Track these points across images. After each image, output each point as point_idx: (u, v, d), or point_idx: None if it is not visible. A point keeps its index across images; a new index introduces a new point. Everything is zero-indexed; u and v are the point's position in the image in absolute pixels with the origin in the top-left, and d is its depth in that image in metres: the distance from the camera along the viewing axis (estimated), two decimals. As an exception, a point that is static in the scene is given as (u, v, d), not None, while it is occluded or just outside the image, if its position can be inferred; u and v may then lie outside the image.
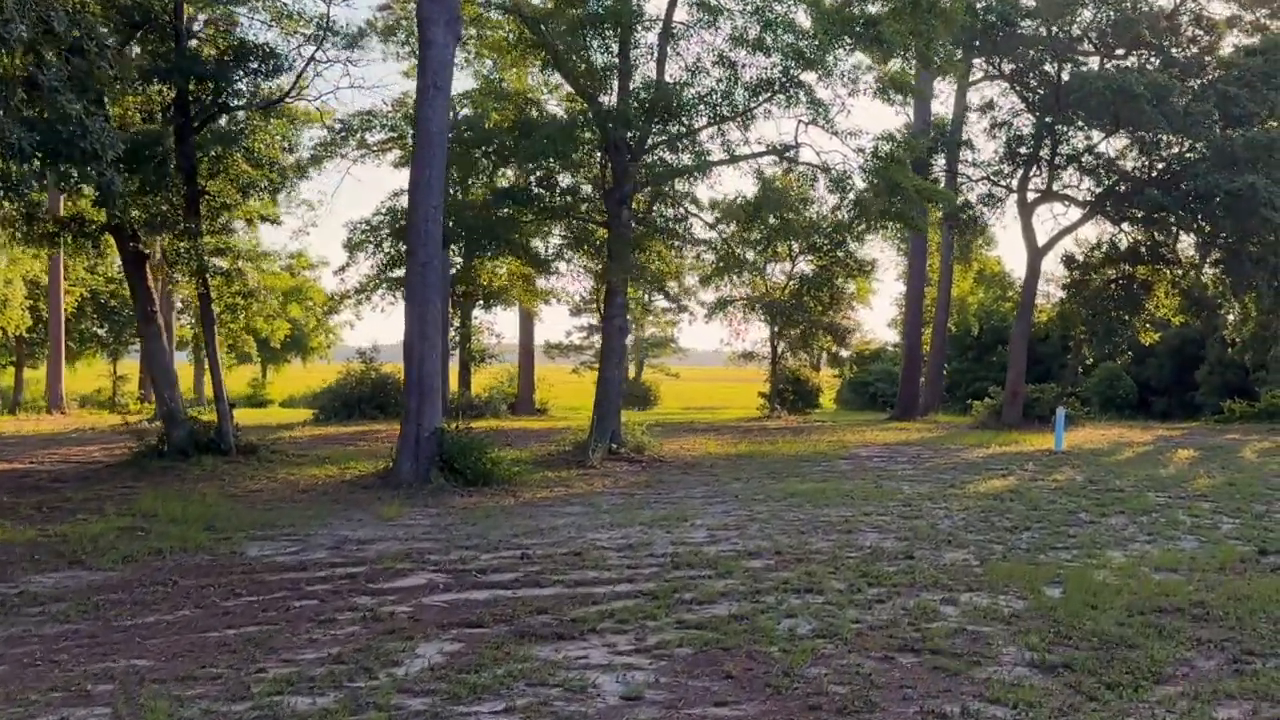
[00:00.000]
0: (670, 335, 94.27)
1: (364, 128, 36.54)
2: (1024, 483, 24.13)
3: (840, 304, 52.41)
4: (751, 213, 27.73)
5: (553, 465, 25.17)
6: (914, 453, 30.90)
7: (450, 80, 22.25)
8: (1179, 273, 41.93)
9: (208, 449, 25.17)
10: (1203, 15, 41.68)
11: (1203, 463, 28.40)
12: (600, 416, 26.82)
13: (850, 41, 25.74)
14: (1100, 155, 39.67)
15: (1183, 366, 58.13)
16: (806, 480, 23.91)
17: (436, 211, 21.84)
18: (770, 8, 25.50)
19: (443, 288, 42.87)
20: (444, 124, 22.04)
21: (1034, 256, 41.09)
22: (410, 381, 21.87)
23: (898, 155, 26.60)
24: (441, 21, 21.74)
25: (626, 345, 28.00)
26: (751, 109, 26.65)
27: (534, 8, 26.58)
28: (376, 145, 38.65)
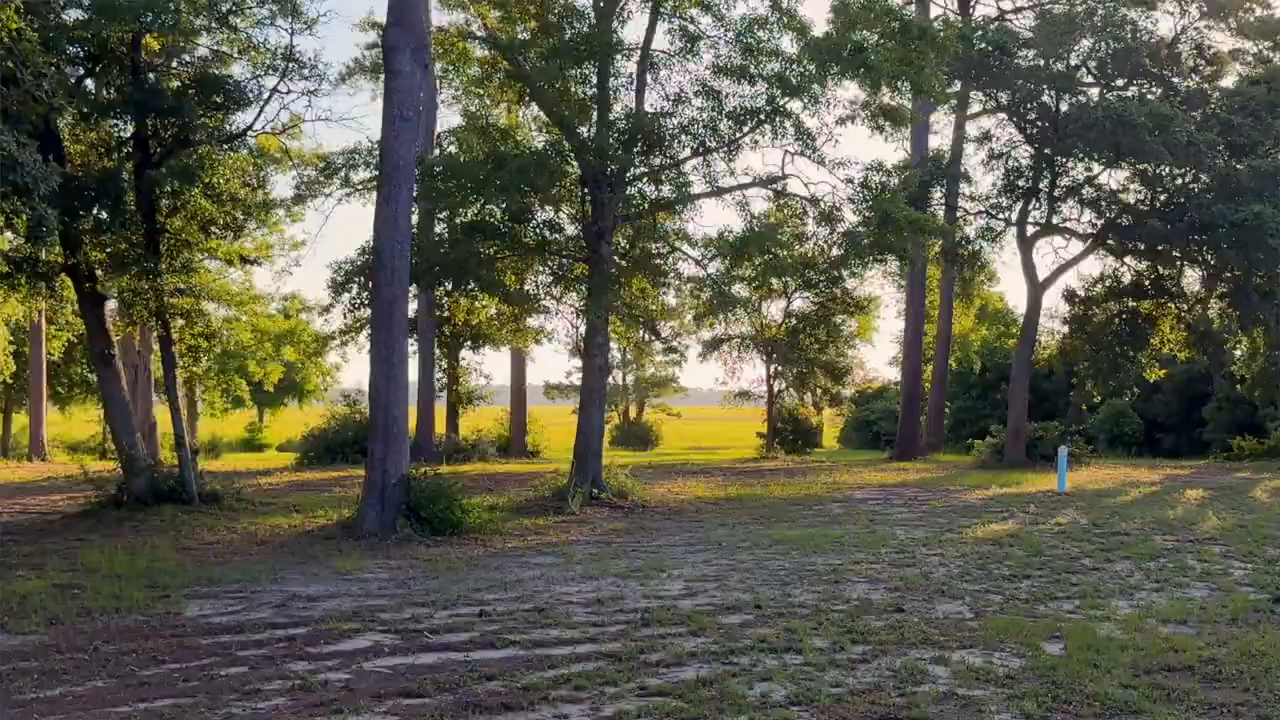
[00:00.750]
0: (671, 375, 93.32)
1: (348, 165, 35.65)
2: (1025, 526, 23.07)
3: (837, 342, 51.33)
4: (738, 248, 26.71)
5: (530, 512, 24.06)
6: (911, 494, 29.81)
7: (418, 110, 21.36)
8: (1184, 307, 40.85)
9: (169, 498, 24.08)
10: (1204, 44, 40.85)
11: (1212, 503, 27.30)
12: (581, 460, 25.73)
13: (837, 69, 24.82)
14: (1101, 187, 38.71)
15: (1190, 403, 57.02)
16: (795, 525, 22.82)
17: (403, 247, 20.87)
18: (752, 34, 24.60)
19: (428, 330, 42.20)
20: (412, 156, 21.11)
21: (1034, 291, 40.06)
22: (375, 425, 20.83)
23: (888, 186, 25.66)
24: (408, 50, 20.85)
25: (608, 385, 26.87)
26: (737, 139, 25.73)
27: (510, 37, 25.74)
28: (361, 184, 37.78)
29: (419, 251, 24.01)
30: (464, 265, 24.15)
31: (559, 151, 23.95)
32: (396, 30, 20.91)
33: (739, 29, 24.66)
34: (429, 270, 24.01)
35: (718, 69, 25.24)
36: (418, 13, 21.18)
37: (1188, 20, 39.69)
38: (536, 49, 24.58)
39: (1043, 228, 39.17)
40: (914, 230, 25.69)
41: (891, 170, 25.88)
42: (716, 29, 25.08)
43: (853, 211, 26.15)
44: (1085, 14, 37.62)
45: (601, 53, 24.24)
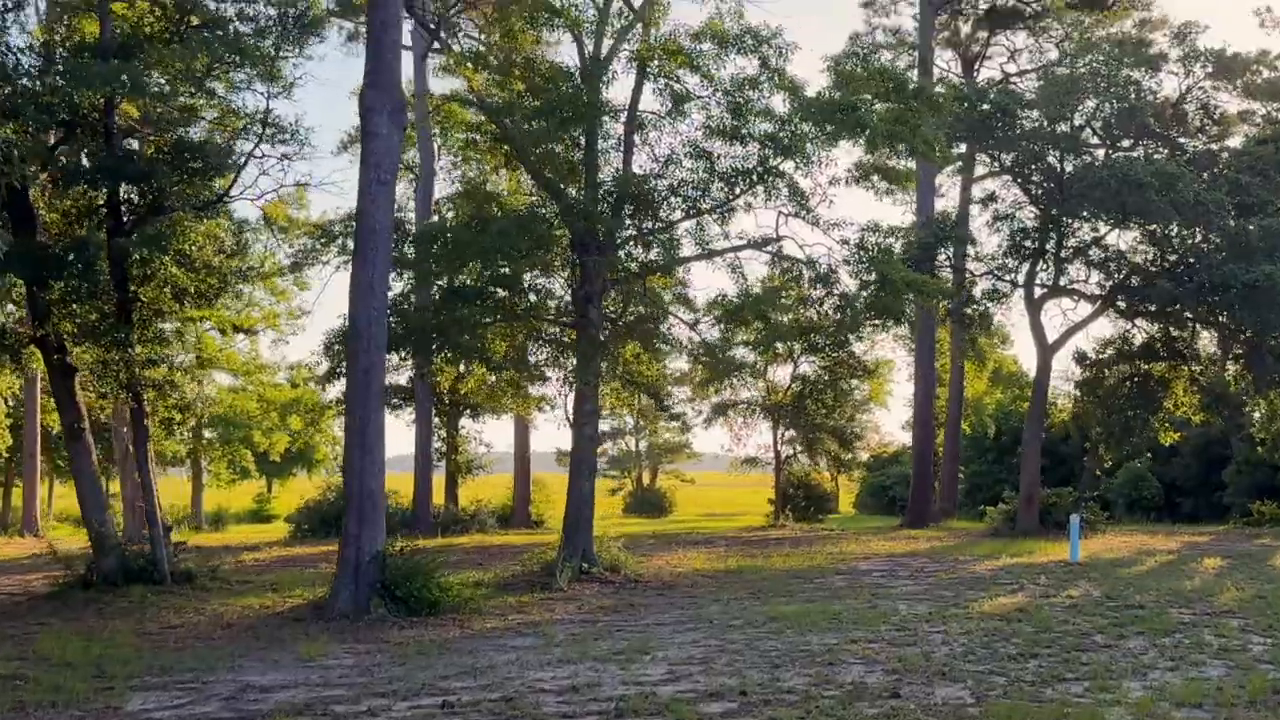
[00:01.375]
0: (684, 441, 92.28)
1: (345, 233, 35.05)
2: (1035, 600, 22.04)
3: (844, 406, 50.32)
4: (734, 313, 25.94)
5: (516, 588, 23.07)
6: (918, 565, 28.75)
7: (395, 173, 20.73)
8: (1197, 369, 39.82)
9: (139, 578, 23.16)
10: (1210, 104, 40.13)
11: (1230, 573, 26.21)
12: (570, 533, 24.75)
13: (831, 129, 24.16)
14: (1109, 248, 37.86)
15: (1209, 466, 55.70)
16: (794, 600, 21.80)
17: (380, 314, 20.13)
18: (742, 93, 23.96)
19: (425, 398, 41.51)
20: (388, 220, 20.45)
21: (1044, 354, 39.11)
22: (350, 499, 19.96)
23: (884, 246, 24.88)
24: (385, 111, 20.23)
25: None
26: (730, 202, 25.03)
27: (505, 100, 25.13)
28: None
29: (401, 318, 23.23)
30: (444, 331, 23.39)
31: (541, 214, 23.22)
32: (372, 92, 20.31)
33: (728, 89, 24.04)
34: (407, 337, 23.24)
35: (708, 129, 24.61)
36: (395, 74, 20.60)
37: (1192, 80, 38.98)
38: (522, 110, 23.99)
39: (1050, 289, 38.32)
40: (913, 292, 24.89)
41: (889, 231, 25.13)
42: (705, 89, 24.47)
43: (849, 274, 25.40)
44: (1088, 75, 37.01)
45: (588, 114, 23.63)
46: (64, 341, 22.99)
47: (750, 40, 23.60)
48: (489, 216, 23.43)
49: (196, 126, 23.90)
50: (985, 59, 54.11)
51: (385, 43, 20.32)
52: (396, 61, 20.72)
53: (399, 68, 20.81)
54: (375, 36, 20.35)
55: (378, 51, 20.34)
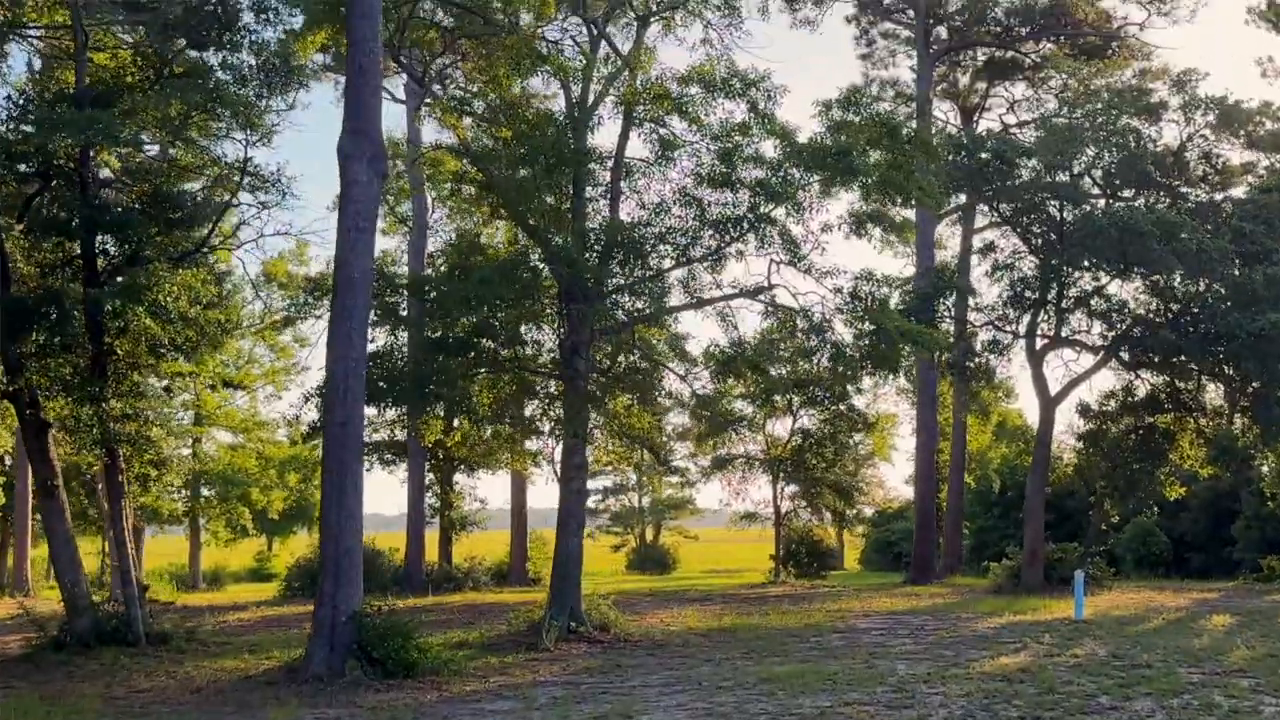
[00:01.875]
0: (687, 496, 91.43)
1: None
2: (1038, 659, 21.29)
3: (845, 460, 49.57)
4: (727, 364, 25.37)
5: (500, 648, 22.31)
6: (919, 623, 27.96)
7: (375, 221, 20.24)
8: (1204, 421, 39.05)
9: (113, 639, 22.44)
10: (1212, 153, 39.65)
11: (1240, 630, 25.42)
12: (558, 591, 24.00)
13: (822, 174, 23.70)
14: (1111, 298, 37.23)
15: (1218, 520, 54.71)
16: (788, 660, 21.06)
17: (358, 365, 19.57)
18: (731, 139, 23.50)
19: (418, 454, 40.83)
20: (368, 269, 19.93)
21: (1046, 407, 38.42)
22: (326, 559, 19.32)
23: (879, 296, 24.32)
24: (364, 158, 19.80)
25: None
26: (722, 249, 24.51)
27: (483, 147, 24.71)
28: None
29: (382, 370, 22.58)
30: (426, 383, 22.78)
31: (525, 262, 22.66)
32: (351, 138, 19.89)
33: (716, 134, 23.59)
34: (388, 390, 22.63)
35: (697, 176, 24.14)
36: (374, 120, 20.18)
37: (1193, 128, 38.49)
38: (508, 158, 23.55)
39: (1052, 340, 37.67)
40: (908, 342, 24.31)
41: (883, 280, 24.58)
42: (693, 134, 24.01)
43: (844, 323, 24.81)
44: (1087, 123, 36.60)
45: (573, 160, 23.19)
46: (37, 396, 22.42)
47: (738, 84, 23.19)
48: (473, 265, 22.93)
49: (175, 176, 23.43)
50: (985, 110, 53.84)
51: (364, 89, 19.91)
52: (376, 107, 20.30)
53: (379, 114, 20.39)
54: (353, 82, 19.95)
55: (356, 97, 19.93)
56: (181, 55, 23.00)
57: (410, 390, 22.56)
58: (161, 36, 22.21)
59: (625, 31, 25.92)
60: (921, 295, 35.93)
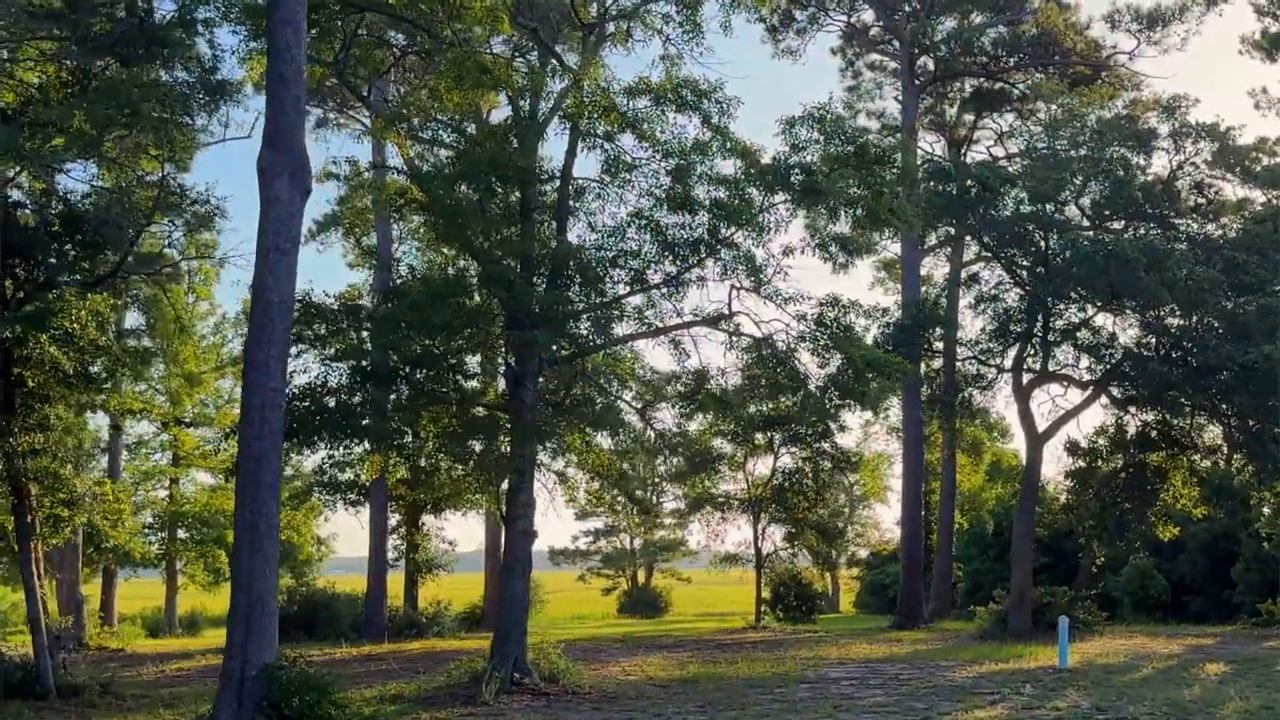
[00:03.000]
0: (679, 538, 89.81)
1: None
2: (1015, 712, 19.86)
3: (828, 500, 47.94)
4: (689, 399, 23.98)
5: (437, 703, 20.71)
6: (895, 671, 26.42)
7: (297, 241, 18.81)
8: (1196, 458, 37.44)
9: (19, 692, 20.86)
10: (1204, 182, 38.27)
11: (1234, 680, 23.91)
12: (501, 641, 22.36)
13: (786, 195, 22.36)
14: (1099, 330, 35.79)
15: (1218, 563, 52.91)
16: (744, 714, 19.56)
17: (276, 396, 18.14)
18: (685, 156, 22.12)
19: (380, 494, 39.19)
20: (289, 293, 18.49)
21: (1034, 444, 36.91)
22: (236, 606, 17.76)
23: (844, 323, 22.89)
24: (286, 174, 18.44)
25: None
26: (681, 274, 23.13)
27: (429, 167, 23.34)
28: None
29: (306, 402, 21.05)
30: (350, 416, 21.27)
31: (463, 287, 21.19)
32: (270, 152, 18.53)
33: (669, 150, 22.22)
34: (309, 423, 21.07)
35: (651, 196, 22.78)
36: (296, 134, 18.80)
37: (1184, 156, 37.10)
38: (448, 175, 22.16)
39: (1039, 375, 36.16)
40: (874, 371, 22.86)
41: (849, 305, 23.18)
42: (644, 150, 22.65)
43: (809, 352, 23.37)
44: (1073, 148, 35.30)
45: (517, 177, 21.84)
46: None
47: (689, 94, 21.83)
48: (403, 289, 21.52)
49: (94, 197, 22.05)
50: (973, 142, 52.52)
51: (285, 99, 18.58)
52: (298, 120, 18.93)
53: (301, 127, 19.01)
54: (274, 93, 18.60)
55: (277, 109, 18.59)
56: (104, 73, 21.66)
57: (333, 425, 21.00)
58: (84, 51, 20.90)
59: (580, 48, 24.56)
60: (902, 328, 34.52)
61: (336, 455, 28.34)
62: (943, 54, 49.11)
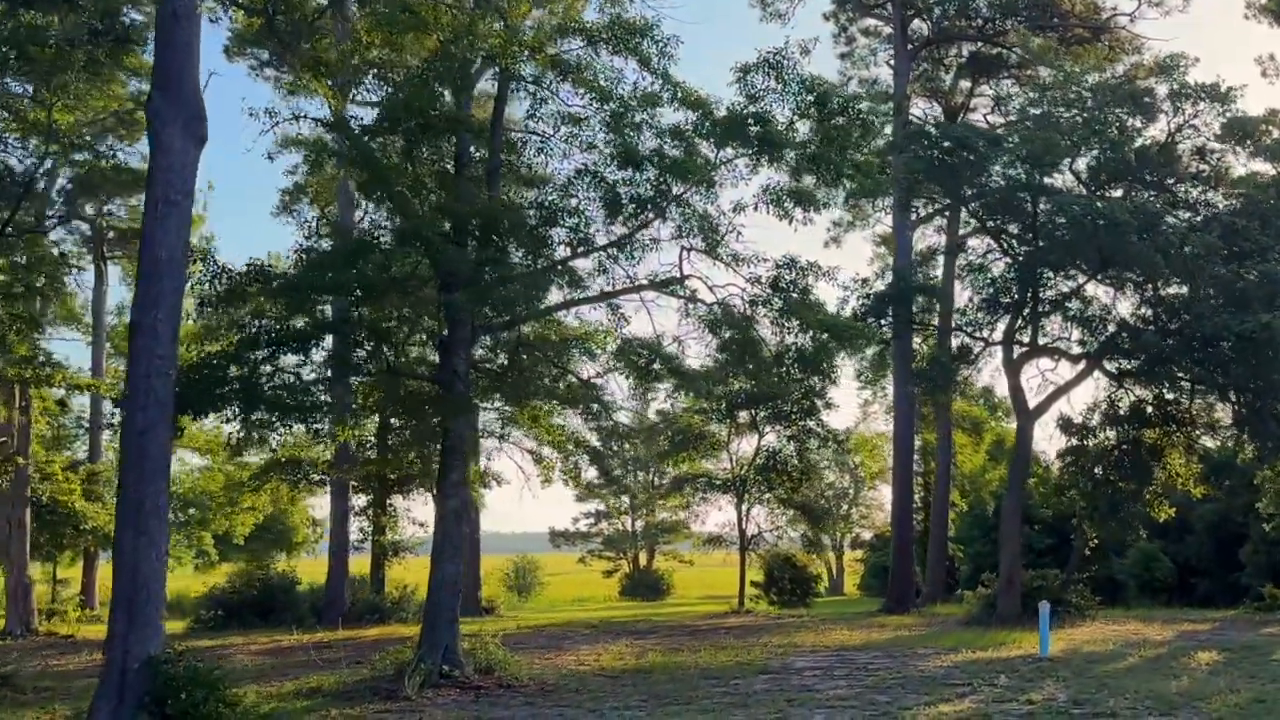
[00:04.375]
0: (682, 520, 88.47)
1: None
2: (985, 706, 18.29)
3: (814, 480, 46.24)
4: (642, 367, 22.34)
5: (354, 698, 19.11)
6: (866, 661, 24.82)
7: (191, 194, 17.24)
8: (1195, 434, 35.55)
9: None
10: (1205, 147, 36.29)
11: (1226, 670, 22.30)
12: (430, 629, 20.74)
13: (739, 148, 20.66)
14: (1091, 301, 33.93)
15: (1225, 544, 51.19)
16: (687, 711, 17.98)
17: (165, 364, 16.56)
18: (624, 104, 20.35)
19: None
20: (179, 249, 16.91)
21: (1025, 420, 35.12)
22: (118, 592, 16.23)
23: (801, 285, 21.17)
24: (178, 121, 16.87)
25: (465, 532, 22.11)
26: (632, 235, 21.45)
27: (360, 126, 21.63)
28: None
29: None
30: (253, 386, 19.55)
31: (372, 243, 19.41)
32: (161, 97, 16.95)
33: (607, 96, 20.45)
34: (205, 393, 19.33)
35: (593, 149, 21.06)
36: (190, 79, 17.19)
37: (1183, 118, 35.11)
38: (377, 128, 20.43)
39: (1030, 348, 34.31)
40: (834, 338, 21.17)
41: (808, 267, 21.43)
42: (581, 98, 20.90)
43: (767, 319, 21.63)
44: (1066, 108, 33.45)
45: (443, 126, 20.14)
46: None
47: (622, 33, 20.06)
48: (312, 250, 19.85)
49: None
50: (969, 110, 50.58)
51: (177, 40, 16.99)
52: (192, 63, 17.29)
53: (195, 70, 17.37)
54: (165, 32, 17.02)
55: (168, 50, 17.01)
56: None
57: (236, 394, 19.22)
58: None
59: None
60: (881, 297, 32.76)
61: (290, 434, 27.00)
62: (937, 16, 47.31)
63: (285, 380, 20.05)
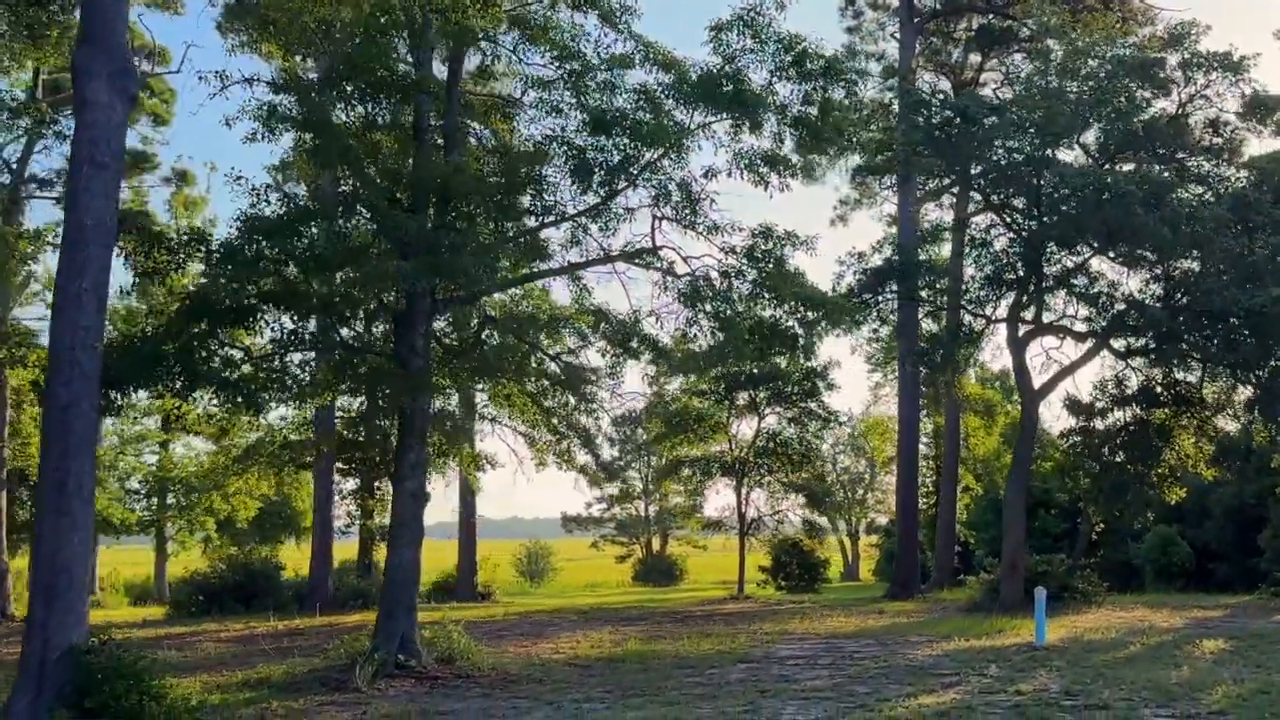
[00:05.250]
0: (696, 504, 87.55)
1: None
2: (971, 697, 17.26)
3: (814, 463, 45.10)
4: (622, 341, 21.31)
5: (303, 689, 18.14)
6: (854, 649, 23.80)
7: (120, 155, 16.25)
8: (1206, 414, 34.20)
9: None
10: (1219, 119, 34.90)
11: (1232, 659, 21.21)
12: (386, 617, 19.74)
13: (713, 110, 19.55)
14: (1097, 277, 32.61)
15: (1244, 528, 49.83)
16: (654, 702, 16.99)
17: (90, 335, 15.58)
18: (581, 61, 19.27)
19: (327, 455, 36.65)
20: (108, 213, 15.89)
21: (1030, 401, 33.84)
22: (37, 578, 15.26)
23: (776, 255, 20.04)
24: (104, 75, 15.86)
25: (424, 517, 21.05)
26: (603, 204, 20.37)
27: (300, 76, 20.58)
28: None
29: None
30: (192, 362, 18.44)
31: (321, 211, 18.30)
32: (87, 49, 15.95)
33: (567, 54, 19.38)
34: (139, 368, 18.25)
35: (556, 111, 19.98)
36: (117, 30, 16.20)
37: (1194, 88, 33.73)
38: (313, 82, 19.37)
39: (1035, 326, 33.04)
40: (811, 310, 20.04)
41: (785, 237, 20.26)
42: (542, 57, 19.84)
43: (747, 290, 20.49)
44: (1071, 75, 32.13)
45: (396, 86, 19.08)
46: None
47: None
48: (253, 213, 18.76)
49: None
50: (979, 85, 49.14)
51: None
52: (120, 12, 16.30)
53: (123, 20, 16.38)
54: (90, -19, 16.04)
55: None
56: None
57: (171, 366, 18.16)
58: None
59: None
60: (877, 273, 31.55)
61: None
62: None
63: (228, 357, 19.04)
